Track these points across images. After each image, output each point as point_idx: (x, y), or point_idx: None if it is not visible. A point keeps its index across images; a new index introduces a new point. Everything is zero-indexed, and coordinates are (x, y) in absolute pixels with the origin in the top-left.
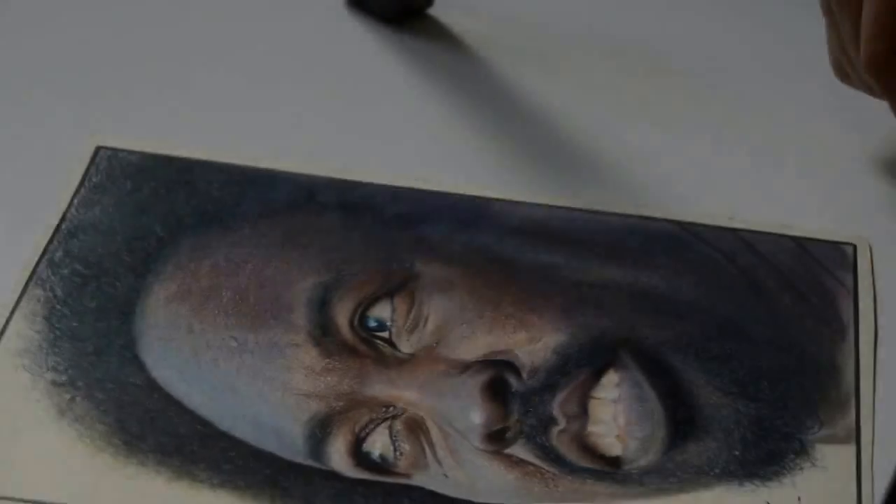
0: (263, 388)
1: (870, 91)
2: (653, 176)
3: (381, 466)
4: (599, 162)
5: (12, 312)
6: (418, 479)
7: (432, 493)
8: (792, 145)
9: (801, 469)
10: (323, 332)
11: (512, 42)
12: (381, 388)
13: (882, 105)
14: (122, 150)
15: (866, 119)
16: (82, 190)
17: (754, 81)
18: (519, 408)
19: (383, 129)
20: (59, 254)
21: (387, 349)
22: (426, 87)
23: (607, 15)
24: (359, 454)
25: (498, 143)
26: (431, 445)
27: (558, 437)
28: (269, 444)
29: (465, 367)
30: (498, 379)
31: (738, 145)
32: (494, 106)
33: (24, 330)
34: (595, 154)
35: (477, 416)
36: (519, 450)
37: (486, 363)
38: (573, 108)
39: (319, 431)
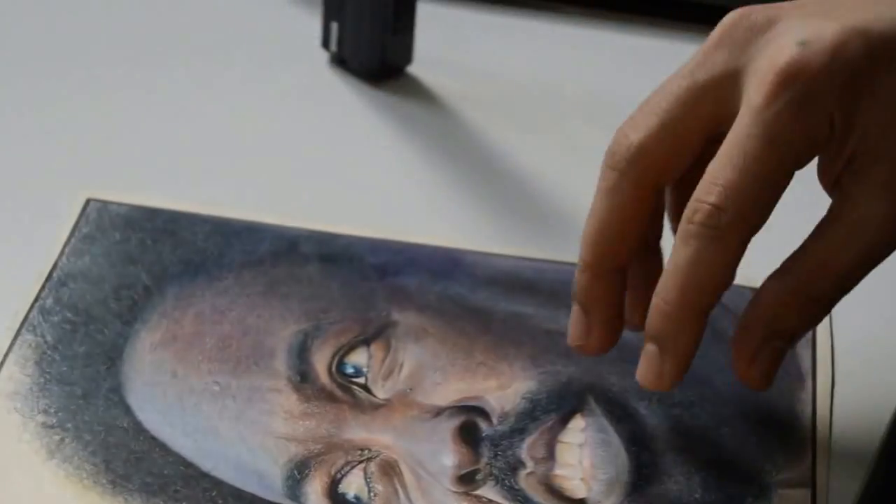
0: (245, 431)
1: None
2: None
3: None
4: (570, 215)
5: (5, 357)
6: None
7: None
8: None
9: None
10: (302, 378)
11: (488, 99)
12: (356, 432)
13: None
14: (112, 203)
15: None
16: (73, 240)
17: None
18: (489, 451)
19: (363, 182)
20: (49, 301)
21: (363, 395)
22: (404, 143)
23: (582, 73)
24: (335, 495)
25: (473, 197)
26: (404, 487)
27: (526, 480)
28: (250, 485)
29: (438, 413)
30: (469, 424)
31: None
32: (470, 161)
33: (16, 374)
34: (566, 208)
35: (448, 458)
36: (488, 491)
37: (458, 409)
38: (545, 163)
39: (298, 473)
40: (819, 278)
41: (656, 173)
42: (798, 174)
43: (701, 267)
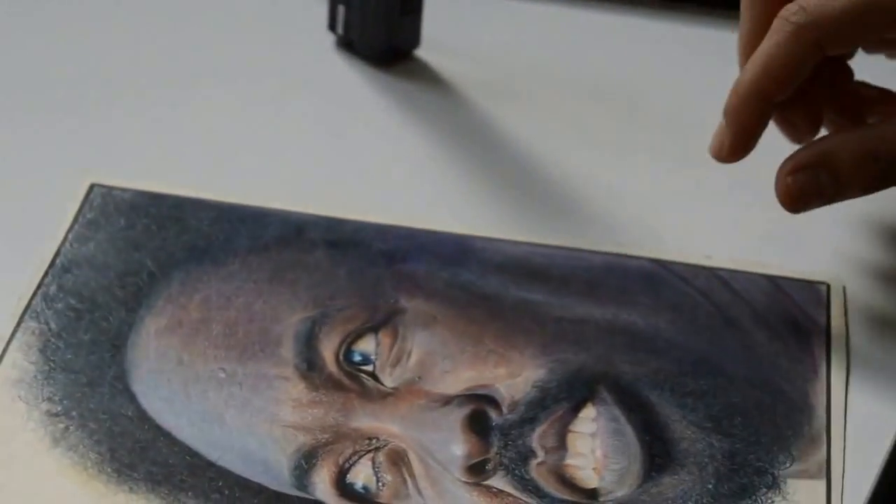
0: (251, 419)
1: None
2: (632, 215)
3: (364, 497)
4: (581, 201)
5: (8, 344)
6: None
7: None
8: (769, 185)
9: (773, 503)
10: (309, 366)
11: (496, 83)
12: (365, 420)
13: None
14: (116, 188)
15: None
16: (76, 226)
17: None
18: (499, 440)
19: (370, 167)
20: (53, 288)
21: (370, 383)
22: (412, 127)
23: (590, 56)
24: (342, 485)
25: (482, 181)
26: (413, 477)
27: (537, 469)
28: (257, 475)
29: (447, 401)
30: (479, 412)
31: (715, 184)
32: (479, 145)
33: (20, 361)
34: (577, 193)
35: (458, 448)
36: (498, 481)
37: (468, 397)
38: (556, 147)
39: (305, 462)
40: (889, 143)
41: (821, 34)
42: None
43: (773, 55)
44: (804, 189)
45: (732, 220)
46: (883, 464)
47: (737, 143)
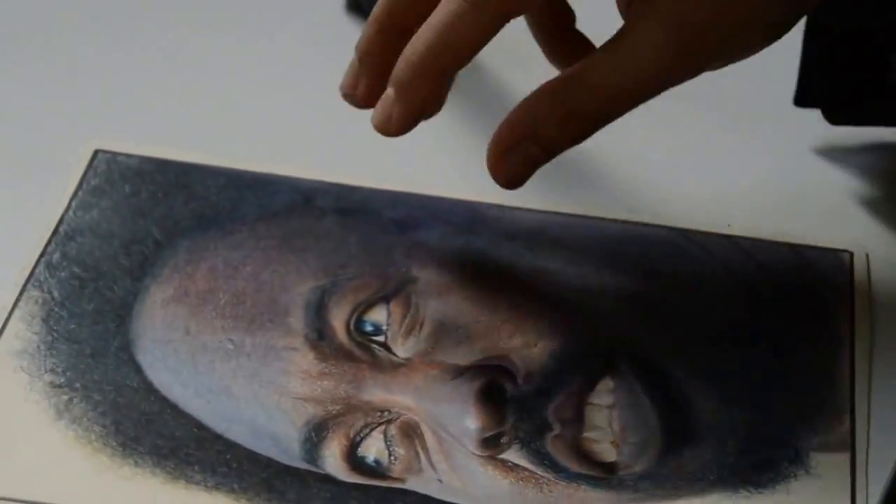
0: (260, 391)
1: None
2: (651, 182)
3: (376, 471)
4: (597, 168)
5: (10, 314)
6: (412, 484)
7: (426, 498)
8: (790, 153)
9: (796, 477)
10: (319, 336)
11: (511, 46)
12: (376, 392)
13: None
14: (121, 154)
15: (866, 129)
16: (80, 193)
17: (755, 87)
18: (514, 413)
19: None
20: (56, 256)
21: (382, 354)
22: None
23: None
24: (354, 459)
25: None
26: (426, 450)
27: (553, 443)
28: (266, 448)
29: (461, 372)
30: (493, 384)
31: (736, 152)
32: (492, 111)
33: (23, 331)
34: (593, 160)
35: (472, 421)
36: (513, 455)
37: (482, 368)
38: None
39: (315, 435)
40: (587, 94)
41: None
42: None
43: (453, 30)
44: (518, 170)
45: (753, 188)
46: None
47: (409, 117)
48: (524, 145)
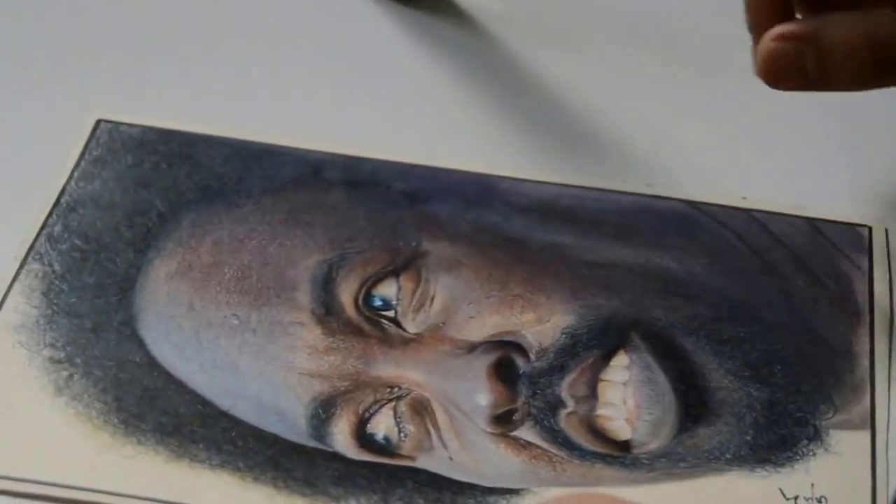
0: (266, 367)
1: None
2: (665, 154)
3: (385, 448)
4: (610, 140)
5: (10, 287)
6: (422, 462)
7: (437, 476)
8: (807, 126)
9: (815, 455)
10: (327, 311)
11: (524, 19)
12: (385, 368)
13: None
14: (123, 124)
15: (884, 102)
16: (82, 163)
17: None
18: (526, 389)
19: (391, 105)
20: (58, 228)
21: (392, 329)
22: (436, 64)
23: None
24: (362, 435)
25: (508, 120)
26: (437, 427)
27: (566, 420)
28: (271, 425)
29: (472, 348)
30: (505, 360)
31: (752, 124)
32: (505, 83)
33: (22, 305)
34: (606, 132)
35: (483, 397)
36: (526, 432)
37: (493, 344)
38: (585, 85)
39: (323, 412)
40: (886, 28)
41: None
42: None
43: None
44: (786, 60)
45: (769, 160)
46: None
47: None
48: (803, 46)
